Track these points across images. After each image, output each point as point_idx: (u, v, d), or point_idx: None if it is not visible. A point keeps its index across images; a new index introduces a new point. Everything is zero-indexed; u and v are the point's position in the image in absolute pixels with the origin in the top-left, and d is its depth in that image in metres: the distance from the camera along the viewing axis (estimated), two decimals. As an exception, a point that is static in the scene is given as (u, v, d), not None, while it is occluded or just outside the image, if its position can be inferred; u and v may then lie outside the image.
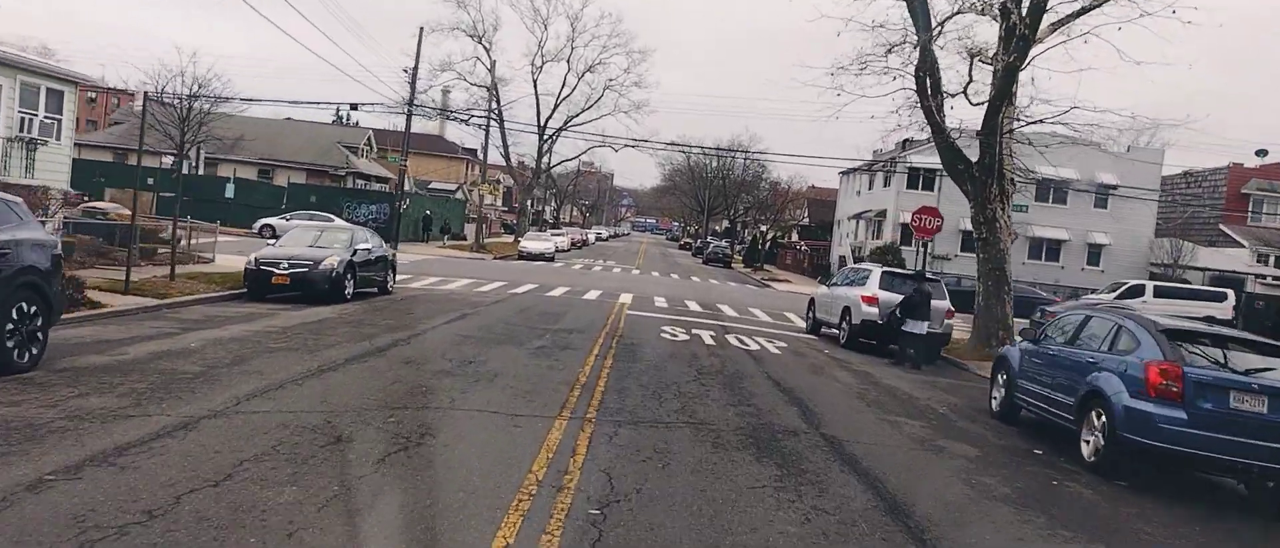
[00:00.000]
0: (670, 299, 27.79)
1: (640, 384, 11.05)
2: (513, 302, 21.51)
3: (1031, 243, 49.02)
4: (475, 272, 31.68)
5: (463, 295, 22.02)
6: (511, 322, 16.90)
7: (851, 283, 20.20)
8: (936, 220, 23.83)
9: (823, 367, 15.38)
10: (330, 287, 17.59)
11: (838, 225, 63.14)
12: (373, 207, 46.57)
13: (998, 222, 20.87)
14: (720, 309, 26.07)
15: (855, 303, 19.03)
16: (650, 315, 21.40)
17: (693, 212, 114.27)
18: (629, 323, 18.92)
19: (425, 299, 20.34)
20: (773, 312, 27.36)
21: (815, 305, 22.15)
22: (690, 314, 23.28)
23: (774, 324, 23.37)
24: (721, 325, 20.94)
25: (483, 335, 14.28)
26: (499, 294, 23.34)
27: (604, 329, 17.03)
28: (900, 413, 11.41)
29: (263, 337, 12.05)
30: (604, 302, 24.13)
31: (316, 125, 52.90)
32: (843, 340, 19.41)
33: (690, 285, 37.88)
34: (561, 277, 34.14)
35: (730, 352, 15.82)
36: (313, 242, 18.98)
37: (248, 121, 49.85)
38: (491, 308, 19.44)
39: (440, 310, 17.99)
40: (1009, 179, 21.69)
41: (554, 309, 20.50)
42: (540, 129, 64.41)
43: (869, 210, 52.83)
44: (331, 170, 49.32)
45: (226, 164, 47.90)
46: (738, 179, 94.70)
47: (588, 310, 21.14)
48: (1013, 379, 11.43)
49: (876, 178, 53.72)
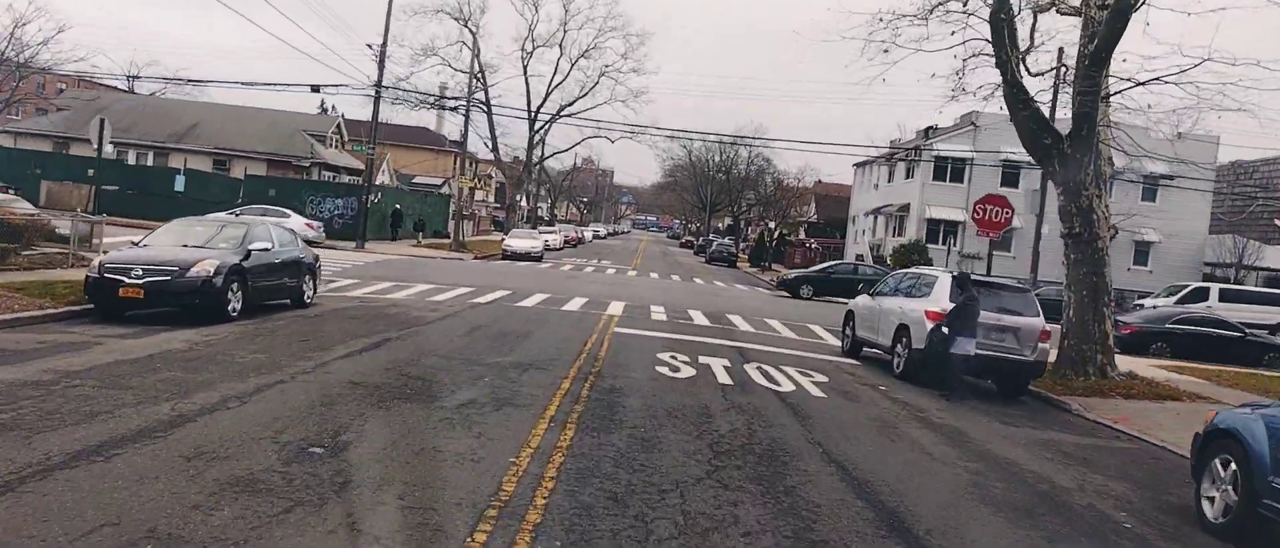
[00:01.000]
0: (670, 308, 23.03)
1: (614, 491, 6.29)
2: (466, 317, 16.73)
3: (1071, 240, 44.14)
4: (442, 275, 26.92)
5: (406, 308, 17.25)
6: (447, 352, 12.10)
7: (908, 294, 15.42)
8: (1006, 211, 19.10)
9: (892, 422, 10.58)
10: (202, 300, 12.83)
11: (852, 221, 58.35)
12: (339, 201, 41.88)
13: (1095, 213, 16.11)
14: (731, 321, 21.28)
15: (916, 321, 14.26)
16: (644, 334, 16.61)
17: (694, 209, 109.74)
18: (614, 348, 14.13)
19: (351, 315, 15.57)
20: (794, 324, 22.57)
21: (855, 320, 17.36)
22: (695, 330, 18.52)
23: (799, 343, 18.60)
24: (736, 347, 16.17)
25: (387, 381, 9.50)
26: (455, 306, 18.57)
27: (577, 361, 12.24)
28: (1063, 527, 6.67)
29: (26, 389, 7.31)
30: (587, 315, 19.36)
31: (280, 112, 48.16)
32: (898, 369, 14.65)
33: (693, 290, 33.09)
34: (544, 280, 29.37)
35: (756, 397, 11.03)
36: (189, 240, 14.21)
37: (203, 108, 45.28)
38: (433, 328, 14.66)
39: (359, 332, 13.23)
40: (1105, 159, 16.91)
41: (518, 327, 15.72)
42: (531, 118, 59.73)
43: (889, 205, 48.05)
44: (295, 161, 44.56)
45: (178, 154, 43.20)
46: (742, 174, 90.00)
47: (562, 328, 16.37)
48: (1260, 478, 6.62)
49: (897, 169, 48.95)
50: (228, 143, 44.39)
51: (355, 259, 30.94)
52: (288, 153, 44.61)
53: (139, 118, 44.52)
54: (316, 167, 45.17)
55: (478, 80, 56.69)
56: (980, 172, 43.82)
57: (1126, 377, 16.20)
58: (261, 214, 36.41)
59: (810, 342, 19.23)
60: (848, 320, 17.90)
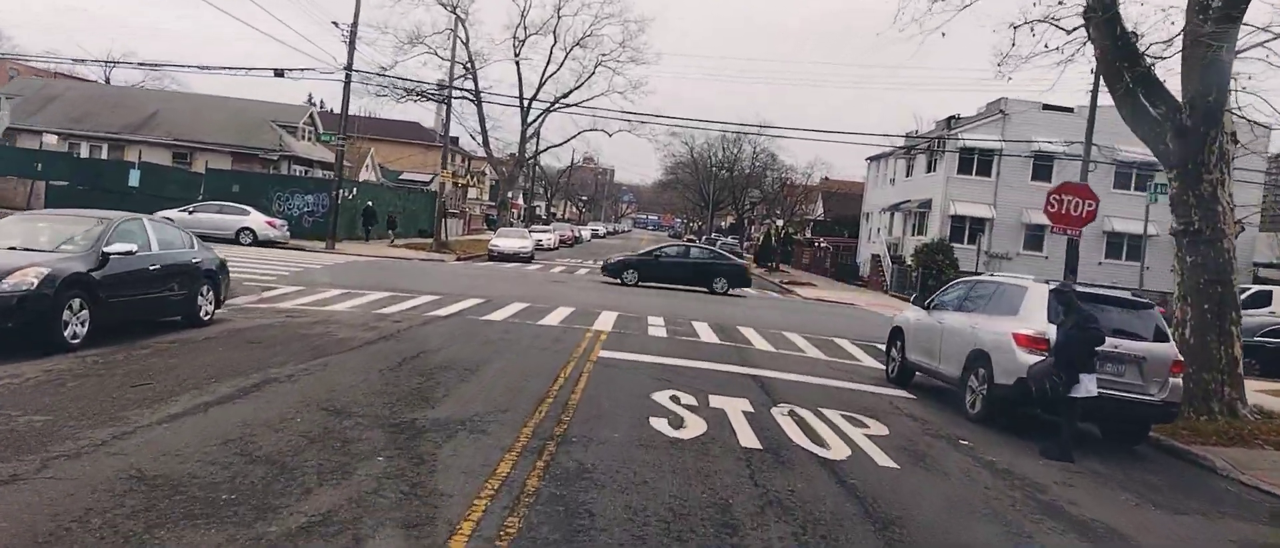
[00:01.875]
0: (671, 319, 19.39)
1: None
2: (410, 338, 13.06)
3: (1108, 239, 40.53)
4: (410, 280, 23.30)
5: (337, 326, 13.62)
6: (345, 402, 8.40)
7: (984, 309, 11.75)
8: (1089, 203, 15.36)
9: (1011, 517, 6.90)
10: (19, 322, 9.21)
11: (866, 219, 54.65)
12: (309, 197, 38.28)
13: (1219, 204, 12.44)
14: (744, 337, 17.63)
15: (1000, 348, 10.62)
16: (637, 360, 12.94)
17: (696, 207, 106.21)
18: (595, 386, 10.46)
19: (254, 338, 11.94)
20: (817, 338, 18.90)
21: (904, 339, 13.69)
22: (701, 351, 14.86)
23: (832, 367, 14.95)
24: (755, 377, 12.51)
25: (199, 472, 5.85)
26: (404, 321, 14.93)
27: (536, 414, 8.56)
28: None
29: None
30: (569, 332, 15.70)
31: (248, 101, 44.49)
32: (974, 410, 11.00)
33: (696, 295, 29.44)
34: (528, 285, 25.73)
35: (798, 475, 7.32)
36: (19, 241, 10.56)
37: (163, 96, 41.71)
38: (354, 357, 11.01)
39: (243, 367, 9.59)
40: (1229, 135, 13.23)
41: (471, 354, 12.06)
42: (523, 111, 56.04)
43: (908, 201, 44.38)
44: (262, 153, 40.93)
45: (134, 146, 39.56)
46: (745, 171, 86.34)
47: (531, 355, 12.70)
48: None
49: (917, 163, 45.25)
50: (189, 134, 40.75)
51: (320, 261, 27.33)
52: (255, 145, 40.98)
53: (93, 107, 40.96)
54: (286, 160, 41.55)
55: (466, 70, 53.16)
56: (1009, 164, 40.16)
57: (1260, 416, 12.57)
58: (217, 211, 32.91)
59: (844, 363, 15.58)
60: (894, 339, 14.23)
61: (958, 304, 12.57)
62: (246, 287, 18.45)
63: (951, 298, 13.00)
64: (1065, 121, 39.78)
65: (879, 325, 24.83)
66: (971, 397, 11.19)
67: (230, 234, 31.80)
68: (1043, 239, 40.51)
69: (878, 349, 18.41)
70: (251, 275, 20.57)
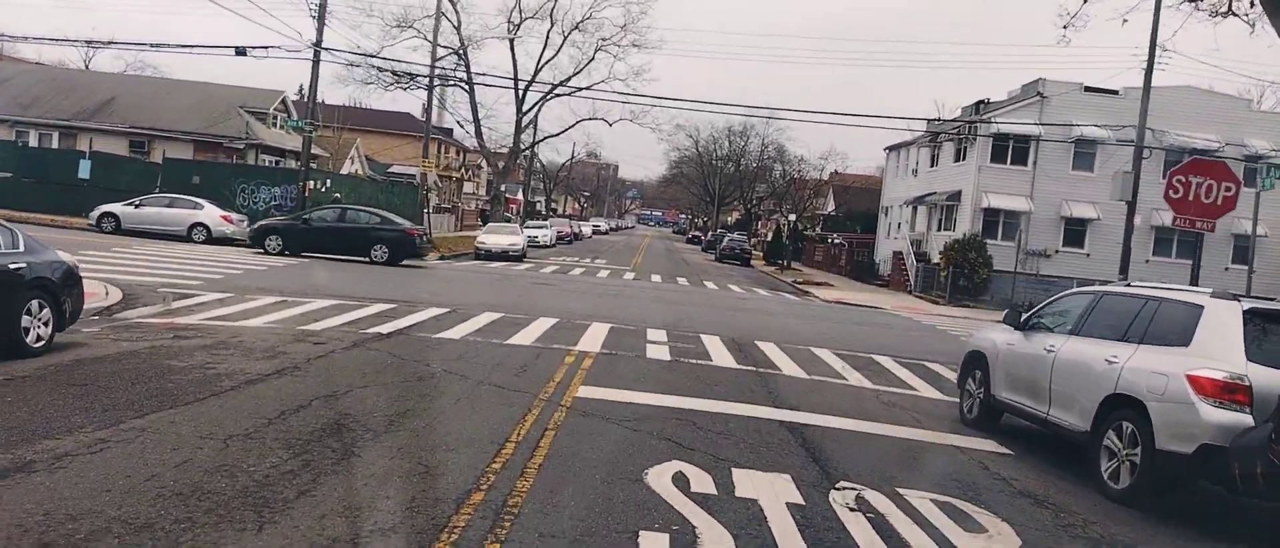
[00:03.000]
0: (675, 331, 15.87)
1: None
2: (310, 375, 9.49)
3: (1157, 234, 36.87)
4: (367, 286, 19.84)
5: (229, 353, 10.13)
6: (119, 514, 4.90)
7: (1129, 334, 8.15)
8: (1228, 187, 11.74)
9: None
10: None
11: (884, 213, 51.00)
12: (277, 189, 34.73)
13: None
14: (766, 356, 14.09)
15: (1168, 395, 7.10)
16: (627, 402, 9.39)
17: (702, 203, 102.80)
18: (559, 458, 6.93)
19: (86, 375, 8.45)
20: (855, 356, 15.37)
21: (989, 369, 10.15)
22: (717, 381, 11.33)
23: (885, 402, 11.41)
24: (794, 427, 8.98)
25: None
26: (322, 346, 11.41)
27: (446, 534, 5.05)
28: None
29: None
30: (543, 355, 12.17)
31: (214, 85, 40.93)
32: (1119, 483, 7.48)
33: (706, 298, 25.91)
34: (508, 289, 22.23)
35: None
36: None
37: (121, 80, 38.29)
38: (201, 412, 7.48)
39: (38, 428, 6.11)
40: None
41: (382, 405, 8.49)
42: (518, 99, 52.51)
43: (933, 193, 40.75)
44: (227, 142, 37.40)
45: (87, 135, 36.10)
46: (752, 166, 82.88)
47: (481, 396, 9.17)
48: None
49: (942, 151, 41.61)
50: (148, 121, 37.24)
51: (276, 261, 23.83)
52: (220, 133, 37.46)
53: (43, 92, 37.51)
54: (254, 149, 38.04)
55: (458, 56, 49.69)
56: (1048, 151, 36.52)
57: None
58: (167, 205, 29.41)
59: (896, 393, 12.04)
60: (972, 367, 10.69)
61: (1077, 325, 9.00)
62: (160, 294, 15.06)
63: (1066, 316, 9.41)
64: (1110, 104, 36.18)
65: (918, 336, 21.31)
66: (1112, 464, 7.65)
67: (181, 231, 28.38)
68: (1084, 234, 36.87)
69: (926, 368, 14.93)
70: (177, 279, 17.18)
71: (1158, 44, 30.98)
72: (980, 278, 35.29)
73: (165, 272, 18.39)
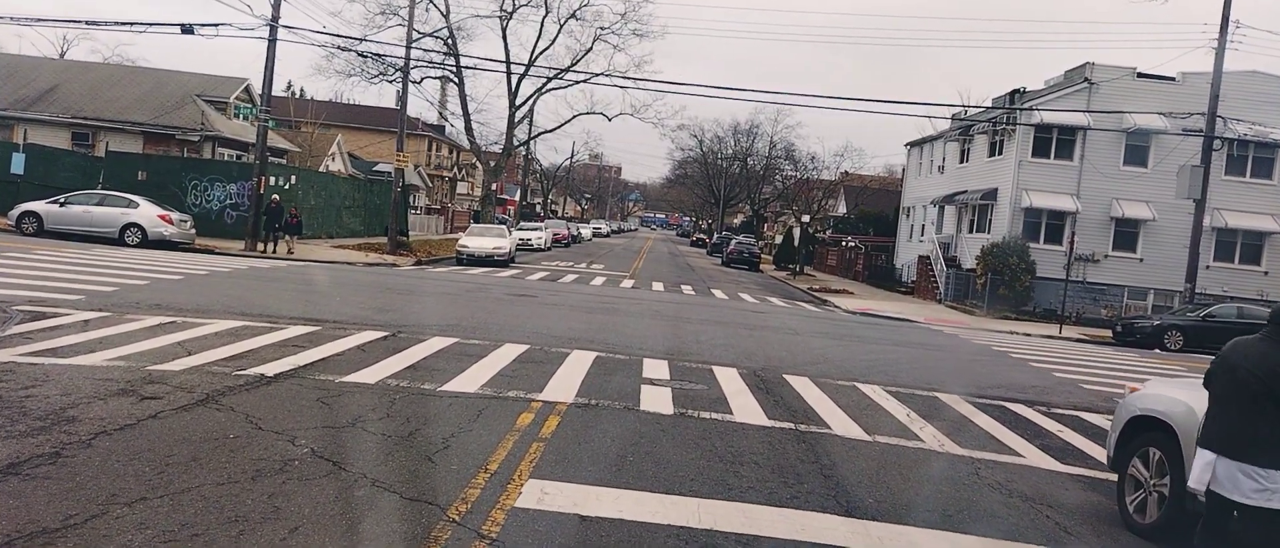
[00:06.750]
0: (680, 363, 12.09)
1: None
2: (77, 468, 5.73)
3: (1219, 237, 33.03)
4: (299, 300, 16.14)
5: (19, 415, 6.38)
6: None
7: None
8: None
9: None
10: None
11: (906, 214, 47.16)
12: (232, 186, 31.10)
13: None
14: (803, 401, 10.29)
15: None
16: (598, 516, 5.64)
17: (706, 205, 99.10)
18: None
19: None
20: (915, 395, 11.58)
21: (1181, 450, 6.37)
22: (741, 457, 7.56)
23: (987, 481, 7.61)
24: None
25: None
26: (163, 397, 7.65)
27: None
28: None
29: None
30: (486, 412, 8.40)
31: (168, 72, 37.18)
32: None
33: (715, 312, 22.11)
34: (477, 303, 18.42)
35: None
36: None
37: (64, 67, 34.64)
38: None
39: None
40: None
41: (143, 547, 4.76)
42: (511, 92, 48.83)
43: (965, 191, 36.92)
44: (180, 134, 33.65)
45: (23, 125, 32.40)
46: (759, 166, 79.06)
47: (328, 537, 5.41)
48: None
49: (974, 146, 37.78)
50: (94, 111, 33.54)
51: (205, 267, 20.11)
52: (172, 124, 33.71)
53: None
54: (211, 141, 34.28)
55: (446, 45, 46.02)
56: (1095, 145, 32.69)
57: None
58: (97, 203, 25.67)
59: (996, 462, 8.23)
60: (1141, 442, 6.93)
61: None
62: (13, 313, 11.43)
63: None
64: (1168, 91, 32.37)
65: (975, 359, 17.34)
66: None
67: (113, 232, 24.76)
68: (1137, 237, 33.01)
69: (1013, 414, 11.16)
70: (56, 290, 13.56)
71: (1229, 19, 27.26)
72: (1021, 286, 31.45)
73: (63, 281, 14.83)
